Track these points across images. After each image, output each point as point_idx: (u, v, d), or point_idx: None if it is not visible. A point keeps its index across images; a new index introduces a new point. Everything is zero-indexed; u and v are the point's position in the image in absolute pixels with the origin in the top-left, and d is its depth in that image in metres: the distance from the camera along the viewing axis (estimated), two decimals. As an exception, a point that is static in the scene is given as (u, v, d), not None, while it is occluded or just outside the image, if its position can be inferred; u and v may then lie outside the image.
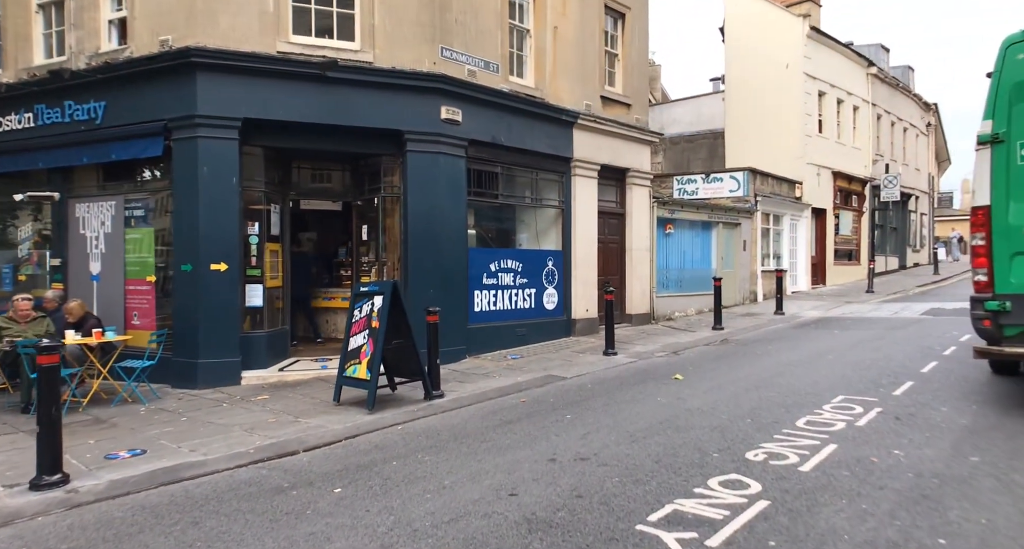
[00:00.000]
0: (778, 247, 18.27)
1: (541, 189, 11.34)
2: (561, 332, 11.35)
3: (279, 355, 9.11)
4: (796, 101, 19.34)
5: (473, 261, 9.91)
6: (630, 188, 12.82)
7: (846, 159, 21.57)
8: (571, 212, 11.52)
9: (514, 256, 10.65)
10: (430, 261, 9.12)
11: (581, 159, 11.50)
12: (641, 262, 12.92)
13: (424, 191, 9.11)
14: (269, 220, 8.94)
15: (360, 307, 6.85)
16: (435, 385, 6.87)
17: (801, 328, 11.99)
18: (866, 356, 8.61)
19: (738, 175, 16.49)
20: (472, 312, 9.88)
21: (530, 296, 10.87)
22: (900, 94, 25.84)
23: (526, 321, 10.71)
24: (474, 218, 10.42)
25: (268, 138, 8.63)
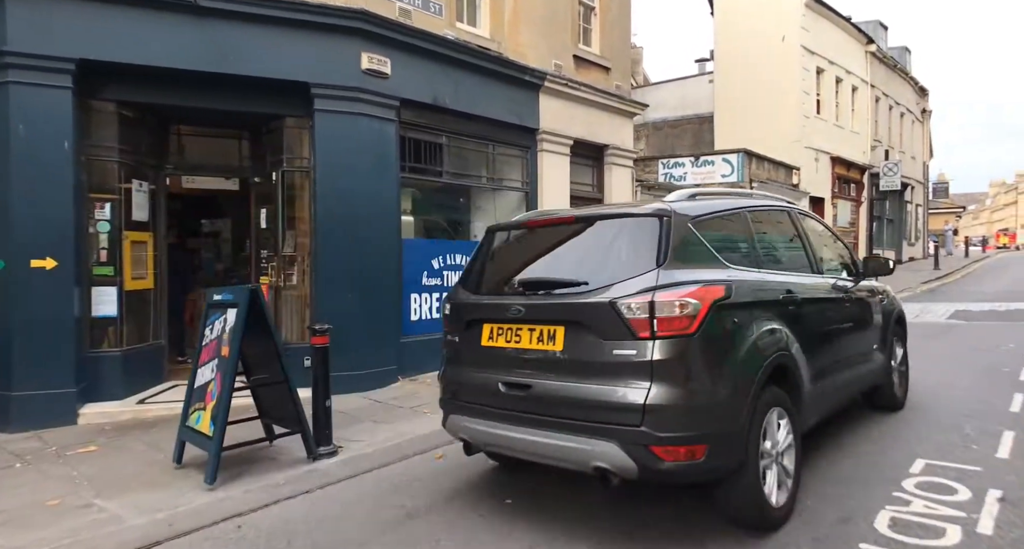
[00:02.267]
0: (774, 240, 16.35)
1: (500, 167, 9.21)
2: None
3: (148, 379, 6.88)
4: (793, 78, 17.44)
5: (409, 256, 7.75)
6: (609, 169, 10.74)
7: (845, 144, 19.78)
8: (538, 196, 9.40)
9: (464, 250, 8.51)
10: (347, 257, 6.95)
11: (550, 131, 9.38)
12: (622, 257, 10.86)
13: (338, 164, 6.92)
14: (130, 201, 6.69)
15: (212, 324, 4.67)
16: (322, 439, 4.72)
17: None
18: (915, 383, 6.62)
19: (732, 158, 14.52)
20: (407, 322, 7.73)
21: (485, 299, 8.73)
22: (897, 76, 24.15)
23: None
24: (411, 202, 8.25)
25: (126, 90, 6.39)
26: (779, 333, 3.57)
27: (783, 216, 4.59)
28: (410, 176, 7.79)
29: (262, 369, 4.75)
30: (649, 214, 3.43)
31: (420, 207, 8.47)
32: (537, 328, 3.40)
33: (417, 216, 8.33)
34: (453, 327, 3.94)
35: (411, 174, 7.80)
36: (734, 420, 3.13)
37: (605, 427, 3.06)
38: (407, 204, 8.06)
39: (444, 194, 8.93)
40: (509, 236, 4.14)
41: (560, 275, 3.54)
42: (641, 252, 3.28)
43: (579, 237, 3.70)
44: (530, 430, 3.34)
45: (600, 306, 3.16)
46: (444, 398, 4.04)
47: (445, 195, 8.97)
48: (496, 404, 3.52)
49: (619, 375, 3.08)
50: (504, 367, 3.53)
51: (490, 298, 3.78)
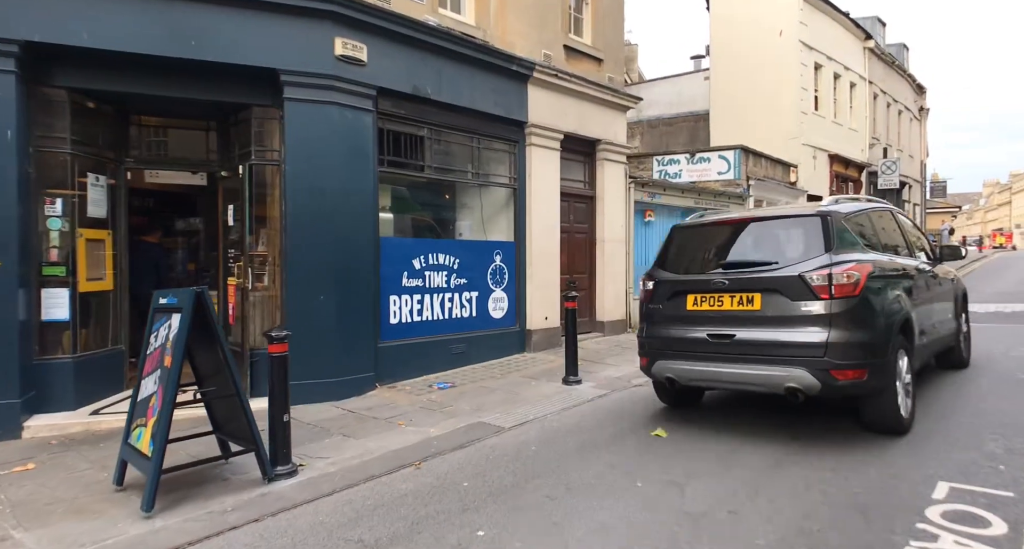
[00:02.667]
0: (772, 239, 15.95)
1: (487, 162, 8.76)
2: (512, 347, 8.80)
3: (106, 388, 6.39)
4: (791, 74, 17.03)
5: (388, 256, 7.30)
6: (602, 165, 10.30)
7: (843, 141, 19.39)
8: (526, 193, 8.96)
9: (448, 249, 8.06)
10: (319, 256, 6.49)
11: (539, 124, 8.94)
12: (615, 257, 10.44)
13: (310, 157, 6.46)
14: (86, 197, 6.23)
15: (156, 331, 4.20)
16: (280, 457, 4.26)
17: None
18: (928, 397, 6.21)
19: (728, 155, 14.10)
20: (386, 324, 7.28)
21: (471, 301, 8.29)
22: (895, 73, 23.79)
23: (465, 334, 8.14)
24: (391, 198, 7.79)
25: (80, 77, 5.91)
26: (902, 298, 5.02)
27: (888, 214, 6.05)
28: (389, 171, 7.34)
29: (214, 380, 4.29)
30: (815, 214, 4.86)
31: (400, 204, 8.02)
32: (737, 295, 4.79)
33: (397, 213, 7.87)
34: (656, 298, 5.34)
35: (390, 168, 7.34)
36: (883, 354, 4.53)
37: (796, 359, 4.48)
38: (386, 200, 7.60)
39: (426, 190, 8.48)
40: (692, 232, 5.58)
41: (753, 258, 4.91)
42: (813, 241, 4.70)
43: (757, 232, 5.15)
44: (734, 366, 4.77)
45: (791, 278, 4.56)
46: (649, 350, 5.37)
47: (427, 191, 8.51)
48: (702, 350, 4.92)
49: (806, 324, 4.49)
50: (708, 323, 4.91)
51: (692, 275, 5.18)
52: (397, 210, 7.90)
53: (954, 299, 6.84)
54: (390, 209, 7.72)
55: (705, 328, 4.92)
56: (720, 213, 6.43)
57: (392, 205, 7.78)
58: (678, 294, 5.15)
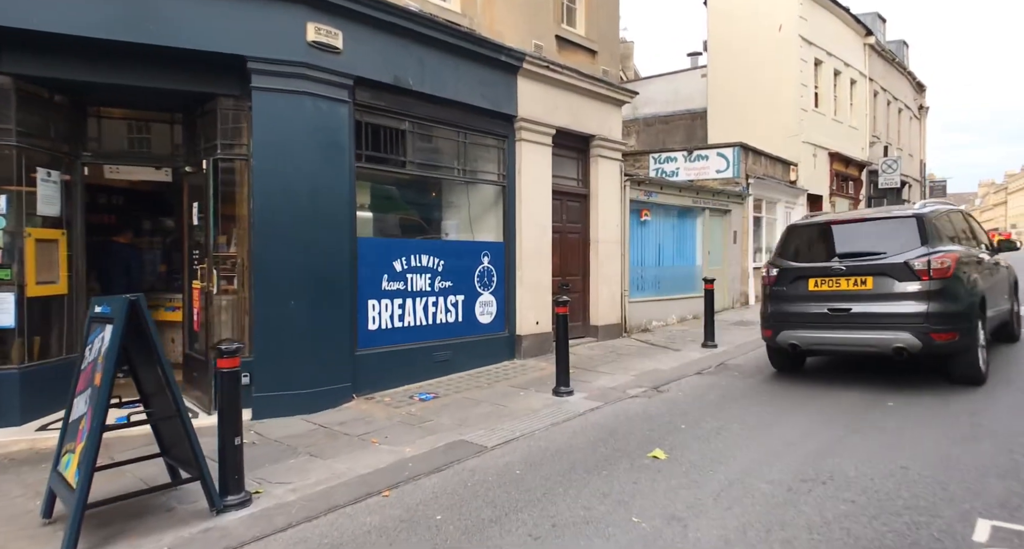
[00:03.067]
0: (771, 239, 15.52)
1: (474, 158, 8.29)
2: (501, 354, 8.34)
3: (60, 401, 5.83)
4: (790, 70, 16.61)
5: (366, 257, 6.82)
6: (596, 162, 9.84)
7: (843, 139, 18.98)
8: (516, 191, 8.50)
9: (432, 250, 7.59)
10: (290, 258, 6.02)
11: (529, 118, 8.47)
12: (610, 258, 9.98)
13: (279, 151, 5.99)
14: (35, 193, 5.74)
15: (91, 343, 3.73)
16: (231, 485, 3.78)
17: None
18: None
19: (727, 152, 13.66)
20: (364, 331, 6.80)
21: (456, 306, 7.83)
22: (895, 71, 23.40)
23: (450, 341, 7.67)
24: (370, 196, 7.33)
25: (26, 63, 5.43)
26: (979, 280, 6.42)
27: (960, 214, 7.50)
28: (368, 166, 6.86)
29: (158, 398, 3.82)
30: (912, 216, 6.29)
31: (381, 202, 7.55)
32: (853, 278, 6.22)
33: (377, 212, 7.40)
34: (780, 281, 6.77)
35: (369, 164, 6.86)
36: (969, 321, 5.99)
37: (902, 325, 5.91)
38: (364, 198, 7.13)
39: (409, 188, 8.01)
40: (806, 230, 7.02)
41: (864, 250, 6.32)
42: (912, 236, 6.10)
43: (863, 229, 6.64)
44: (850, 332, 6.21)
45: (898, 264, 6.00)
46: (773, 323, 6.80)
47: (410, 189, 8.05)
48: (822, 321, 6.36)
49: (910, 299, 5.94)
50: (828, 300, 6.34)
51: (813, 263, 6.56)
52: (377, 209, 7.43)
53: (1009, 284, 8.18)
54: (369, 207, 7.25)
55: (825, 304, 6.36)
56: (828, 215, 7.51)
57: (371, 203, 7.31)
58: (800, 278, 6.60)
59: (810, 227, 7.02)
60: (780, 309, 6.70)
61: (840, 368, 7.48)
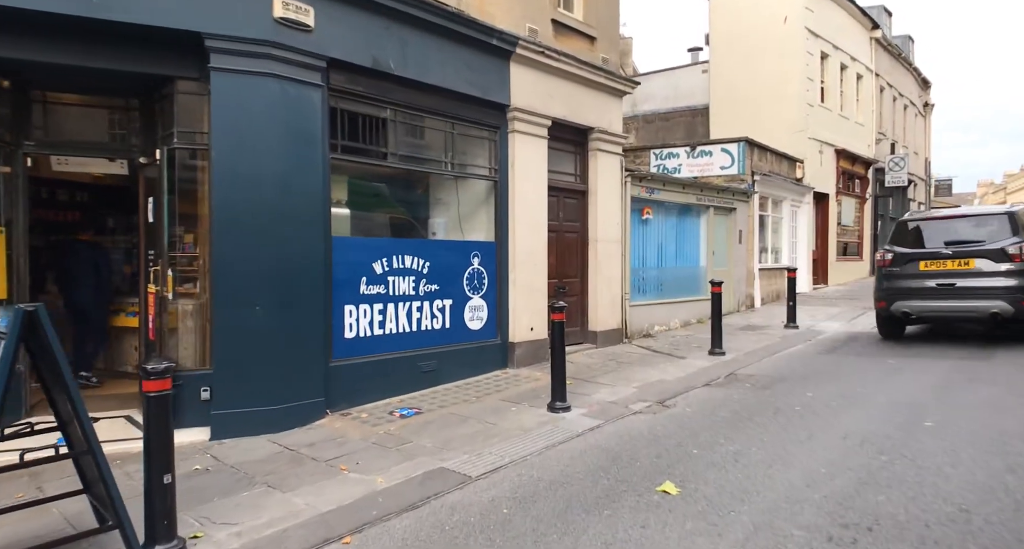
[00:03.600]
0: (777, 239, 14.93)
1: (463, 150, 7.67)
2: (492, 362, 7.71)
3: None
4: (796, 63, 16.01)
5: (343, 258, 6.19)
6: (595, 156, 9.22)
7: (849, 136, 18.38)
8: (509, 186, 7.87)
9: (417, 251, 6.96)
10: (255, 258, 5.39)
11: (523, 108, 7.85)
12: (610, 259, 9.36)
13: (242, 139, 5.36)
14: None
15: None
16: (159, 532, 3.14)
17: (834, 353, 8.53)
18: (998, 423, 5.13)
19: (732, 148, 13.05)
20: (340, 339, 6.17)
21: (443, 311, 7.20)
22: (901, 66, 22.82)
23: (436, 349, 7.04)
24: (347, 191, 6.71)
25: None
26: None
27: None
28: (344, 158, 6.23)
29: (71, 428, 3.19)
30: (1004, 213, 8.34)
31: (359, 198, 6.92)
32: (957, 260, 8.18)
33: (356, 209, 6.78)
34: (894, 263, 8.70)
35: (345, 156, 6.23)
36: None
37: (998, 296, 7.90)
38: (341, 193, 6.51)
39: (392, 182, 7.39)
40: (913, 223, 9.05)
41: (966, 239, 8.23)
42: (1005, 228, 8.07)
43: (963, 223, 8.53)
44: (954, 301, 8.21)
45: (996, 249, 7.96)
46: (887, 296, 8.77)
47: (393, 184, 7.43)
48: (931, 293, 8.35)
49: (1005, 276, 7.91)
50: (936, 277, 8.31)
51: (923, 249, 8.53)
52: (356, 205, 6.81)
53: None
54: (347, 204, 6.63)
55: (934, 280, 8.29)
56: (929, 213, 9.94)
57: (349, 199, 6.69)
58: (911, 260, 8.50)
59: (916, 221, 9.05)
60: (894, 285, 8.60)
61: (865, 379, 6.87)
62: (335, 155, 6.08)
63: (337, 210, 6.33)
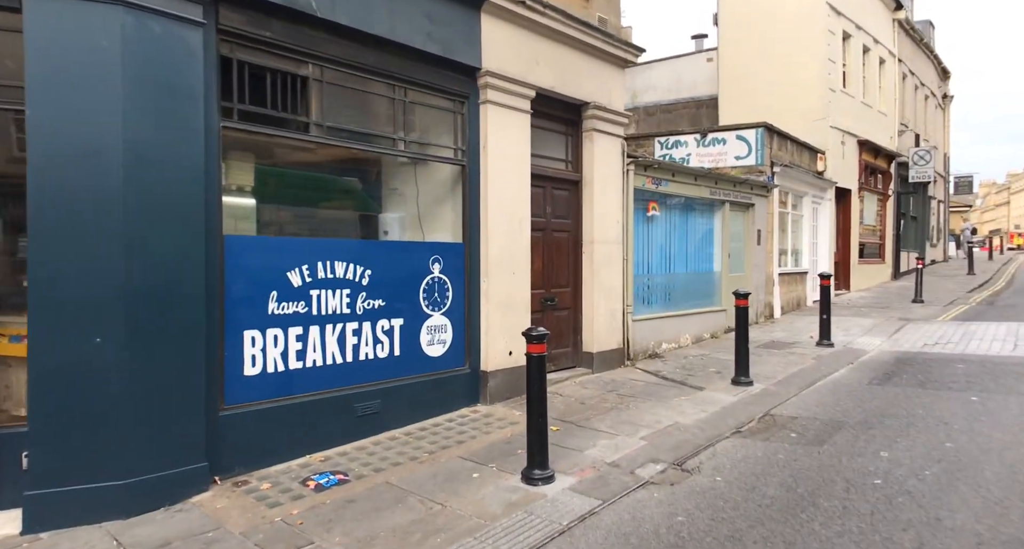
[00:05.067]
0: (796, 239, 13.26)
1: (421, 125, 6.00)
2: (458, 398, 6.03)
3: None
4: (816, 43, 14.35)
5: (241, 265, 4.50)
6: (590, 138, 7.53)
7: (872, 126, 16.73)
8: (481, 172, 6.19)
9: (353, 255, 5.25)
10: (97, 266, 3.71)
11: (498, 73, 6.17)
12: (608, 263, 7.68)
13: (72, 94, 3.67)
14: None
15: None
16: None
17: (890, 384, 6.80)
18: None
19: (748, 135, 11.37)
20: (236, 378, 4.48)
21: (391, 334, 5.50)
22: (922, 53, 21.18)
23: (381, 384, 5.35)
24: (253, 173, 5.00)
25: None
26: None
27: None
28: (244, 128, 4.54)
29: None
30: None
31: (271, 184, 5.23)
32: None
33: (266, 199, 5.09)
34: None
35: (246, 124, 4.54)
36: None
37: None
38: (242, 177, 4.82)
39: (328, 166, 5.71)
40: None
41: None
42: None
43: None
44: None
45: None
46: None
47: (329, 167, 5.75)
48: None
49: None
50: None
51: None
52: (267, 194, 5.12)
53: None
54: (252, 192, 4.94)
55: None
56: None
57: (258, 186, 4.99)
58: None
59: None
60: None
61: (950, 427, 5.19)
62: (229, 122, 4.39)
63: (236, 199, 4.66)
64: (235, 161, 4.66)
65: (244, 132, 4.55)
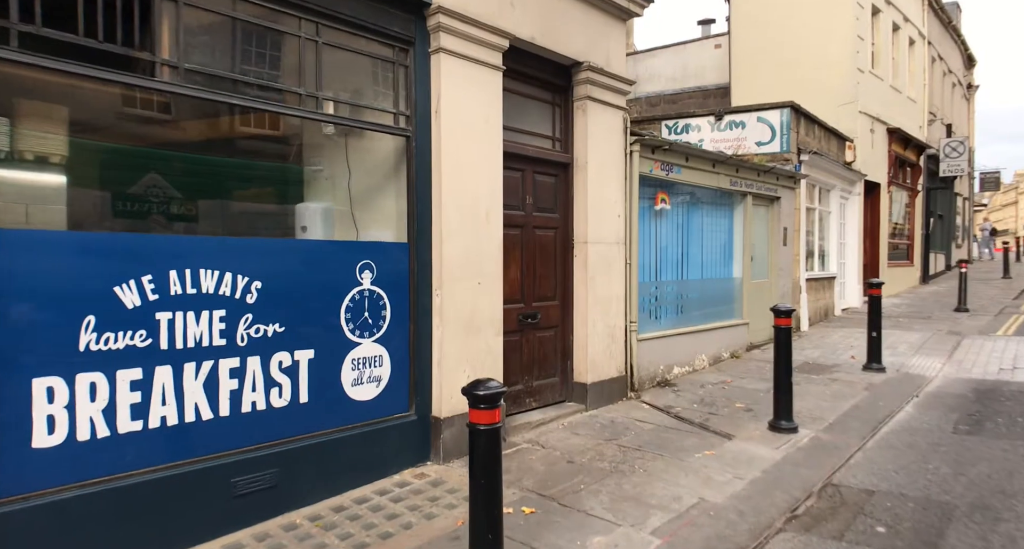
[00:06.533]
0: (824, 240, 11.61)
1: (343, 78, 4.38)
2: (401, 455, 4.38)
3: None
4: (844, 17, 12.71)
5: (25, 275, 2.85)
6: (584, 109, 5.89)
7: (902, 113, 15.09)
8: (433, 147, 4.55)
9: (229, 259, 3.59)
10: None
11: (458, 12, 4.52)
12: (607, 269, 6.03)
13: None
14: None
15: None
16: None
17: (984, 431, 5.07)
18: None
19: (772, 117, 9.73)
20: (17, 453, 2.83)
21: (294, 371, 3.85)
22: (950, 37, 19.53)
23: (276, 446, 3.71)
24: (66, 136, 3.37)
25: None
26: None
27: None
28: (29, 60, 2.90)
29: None
30: None
31: (102, 156, 3.59)
32: None
33: (89, 178, 3.45)
34: None
35: (32, 55, 2.90)
36: None
37: None
38: (37, 142, 3.19)
39: (186, 125, 4.09)
40: None
41: None
42: None
43: None
44: None
45: None
46: None
47: (191, 127, 4.13)
48: None
49: None
50: None
51: None
52: (87, 171, 3.48)
53: None
54: (63, 165, 3.30)
55: None
56: None
57: (77, 157, 3.35)
58: None
59: None
60: None
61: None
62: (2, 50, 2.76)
63: (27, 175, 3.01)
64: (27, 117, 3.03)
65: (25, 65, 2.91)
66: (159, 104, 3.75)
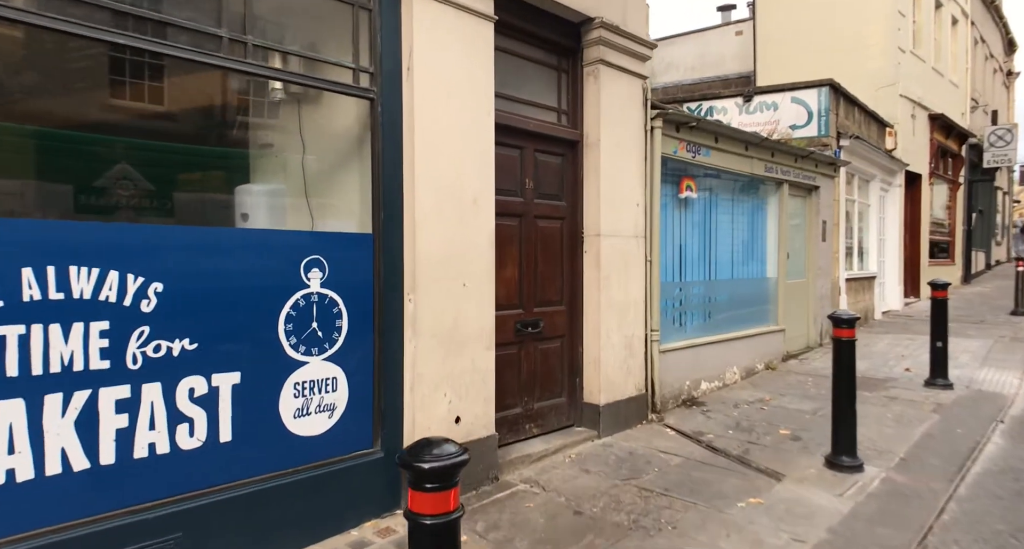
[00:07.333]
0: (864, 235, 10.53)
1: (289, 23, 3.45)
2: (364, 503, 3.44)
3: None
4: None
5: None
6: (596, 75, 4.91)
7: (944, 99, 13.93)
8: (405, 113, 3.60)
9: (117, 251, 2.68)
10: None
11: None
12: (624, 267, 5.06)
13: None
14: None
15: None
16: None
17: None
18: None
19: (808, 96, 8.68)
20: None
21: (211, 401, 2.93)
22: (991, 19, 18.27)
23: (186, 499, 2.79)
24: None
25: None
26: None
27: None
28: None
29: None
30: None
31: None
32: None
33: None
34: None
35: None
36: None
37: None
38: None
39: (74, 79, 3.20)
40: None
41: None
42: None
43: None
44: None
45: None
46: None
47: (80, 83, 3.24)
48: None
49: None
50: None
51: None
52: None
53: None
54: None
55: None
56: None
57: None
58: None
59: None
60: None
61: None
62: None
63: None
64: None
65: None
66: (15, 41, 2.86)
